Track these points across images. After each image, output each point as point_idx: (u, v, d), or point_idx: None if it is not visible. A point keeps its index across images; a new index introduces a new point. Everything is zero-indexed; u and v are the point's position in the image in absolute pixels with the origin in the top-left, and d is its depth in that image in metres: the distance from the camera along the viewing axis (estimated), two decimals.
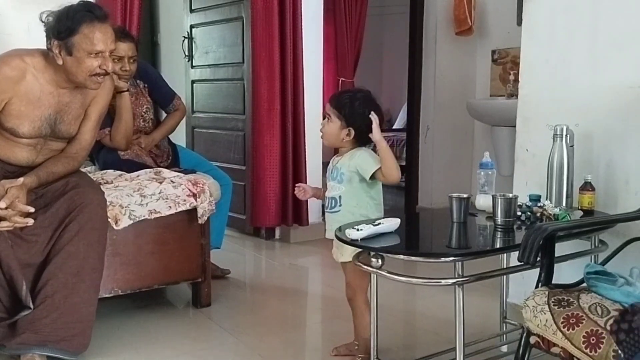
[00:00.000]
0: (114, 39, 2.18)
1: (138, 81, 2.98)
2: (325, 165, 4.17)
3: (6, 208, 2.02)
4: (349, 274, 2.11)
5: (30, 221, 2.07)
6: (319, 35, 3.99)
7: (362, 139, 2.05)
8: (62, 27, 2.09)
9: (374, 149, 2.06)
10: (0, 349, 2.07)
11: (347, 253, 2.00)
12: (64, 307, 2.09)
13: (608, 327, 1.35)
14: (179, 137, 3.86)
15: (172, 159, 3.05)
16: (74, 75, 2.14)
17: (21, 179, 2.10)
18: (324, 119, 2.10)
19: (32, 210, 2.07)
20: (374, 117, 1.98)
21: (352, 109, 2.01)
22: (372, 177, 2.00)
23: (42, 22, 2.14)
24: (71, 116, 2.27)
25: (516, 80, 2.89)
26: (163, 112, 3.17)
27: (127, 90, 2.81)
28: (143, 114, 2.97)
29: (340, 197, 2.05)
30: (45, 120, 2.20)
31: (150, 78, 3.04)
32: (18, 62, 2.15)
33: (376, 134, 1.97)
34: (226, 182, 3.06)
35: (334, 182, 2.07)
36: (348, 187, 2.04)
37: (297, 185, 2.27)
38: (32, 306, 2.06)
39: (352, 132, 2.02)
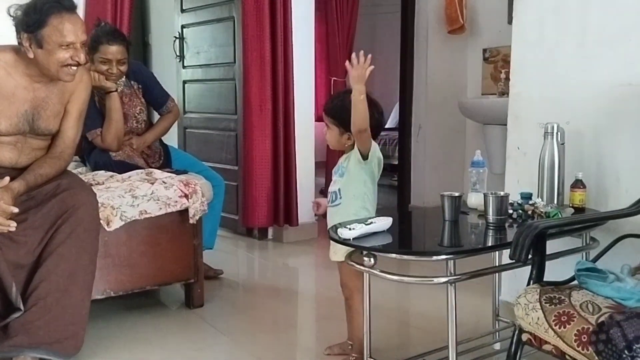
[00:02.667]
0: (84, 29, 2.15)
1: (132, 82, 2.97)
2: (317, 164, 4.20)
3: None
4: (344, 274, 2.10)
5: (13, 224, 2.02)
6: (310, 34, 3.99)
7: None
8: (30, 20, 2.07)
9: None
10: None
11: (340, 252, 2.00)
12: (56, 309, 2.08)
13: (596, 323, 1.36)
14: (171, 137, 3.85)
15: (163, 159, 3.04)
16: (46, 67, 2.12)
17: (7, 179, 2.07)
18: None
19: (16, 210, 2.04)
20: (348, 66, 1.93)
21: (345, 114, 1.98)
22: (364, 157, 1.99)
23: (11, 16, 2.12)
24: (49, 112, 2.24)
25: (507, 79, 2.90)
26: (156, 113, 3.16)
27: (116, 91, 2.80)
28: (136, 115, 2.95)
29: (339, 189, 2.06)
30: (22, 116, 2.18)
31: (144, 79, 3.03)
32: None
33: (352, 78, 1.92)
34: (218, 183, 3.06)
35: (336, 177, 2.09)
36: (347, 177, 2.04)
37: (312, 201, 2.29)
38: (22, 308, 2.05)
39: (353, 137, 2.01)
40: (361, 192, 2.03)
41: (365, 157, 1.99)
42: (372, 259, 1.73)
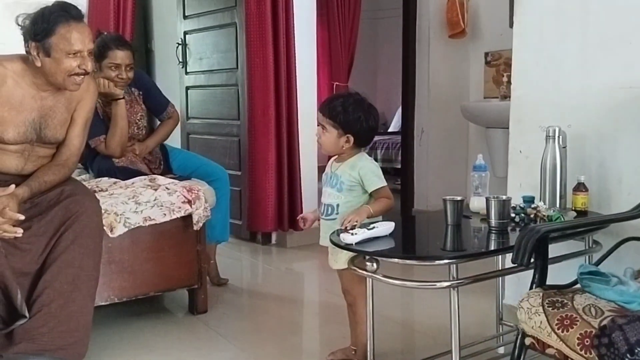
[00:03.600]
0: (92, 38, 2.17)
1: (132, 89, 2.99)
2: (321, 169, 4.21)
3: None
4: (346, 281, 2.10)
5: (19, 231, 2.05)
6: (312, 39, 4.00)
7: (362, 142, 2.04)
8: (38, 29, 2.09)
9: (369, 153, 2.07)
10: None
11: (341, 260, 1.99)
12: (60, 316, 2.08)
13: (598, 327, 1.36)
14: (174, 143, 3.85)
15: (163, 164, 3.06)
16: (53, 76, 2.14)
17: (12, 186, 2.09)
18: (318, 126, 2.06)
19: (22, 217, 2.05)
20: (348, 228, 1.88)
21: (347, 115, 1.98)
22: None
23: (19, 25, 2.14)
24: (56, 121, 2.26)
25: (509, 82, 2.90)
26: (157, 120, 3.18)
27: (123, 98, 2.81)
28: (137, 121, 2.97)
29: (337, 205, 2.03)
30: (30, 125, 2.20)
31: (145, 86, 3.05)
32: None
33: (362, 217, 1.89)
34: (222, 175, 3.06)
35: (332, 190, 2.05)
36: (347, 196, 2.01)
37: (298, 217, 2.25)
38: (27, 315, 2.05)
39: (352, 139, 2.00)
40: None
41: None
42: (374, 264, 1.73)
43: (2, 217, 2.02)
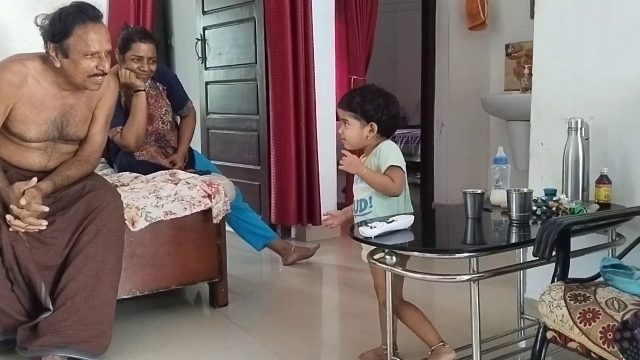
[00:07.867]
0: (109, 38, 2.18)
1: (157, 83, 3.01)
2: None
3: (22, 207, 2.04)
4: (379, 275, 1.98)
5: (44, 223, 2.09)
6: (330, 33, 4.00)
7: (386, 130, 2.00)
8: (56, 30, 2.10)
9: (394, 139, 2.04)
10: (22, 351, 2.10)
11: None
12: (84, 309, 2.12)
13: (621, 320, 1.34)
14: (194, 138, 3.88)
15: (188, 161, 3.08)
16: (72, 77, 2.16)
17: (34, 180, 2.11)
18: (340, 123, 2.03)
19: (46, 209, 2.09)
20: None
21: (366, 103, 1.96)
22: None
23: (38, 25, 2.15)
24: (78, 118, 2.28)
25: (531, 74, 2.86)
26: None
27: (144, 90, 2.83)
28: (162, 115, 3.00)
29: (370, 197, 1.97)
30: (52, 123, 2.22)
31: (168, 81, 3.08)
32: (19, 67, 2.17)
33: (353, 167, 1.94)
34: (236, 195, 3.00)
35: (362, 184, 1.99)
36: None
37: (325, 214, 2.17)
38: (51, 308, 2.09)
39: (375, 126, 1.96)
40: (394, 202, 1.98)
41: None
42: (394, 257, 1.73)
43: (27, 209, 2.06)
